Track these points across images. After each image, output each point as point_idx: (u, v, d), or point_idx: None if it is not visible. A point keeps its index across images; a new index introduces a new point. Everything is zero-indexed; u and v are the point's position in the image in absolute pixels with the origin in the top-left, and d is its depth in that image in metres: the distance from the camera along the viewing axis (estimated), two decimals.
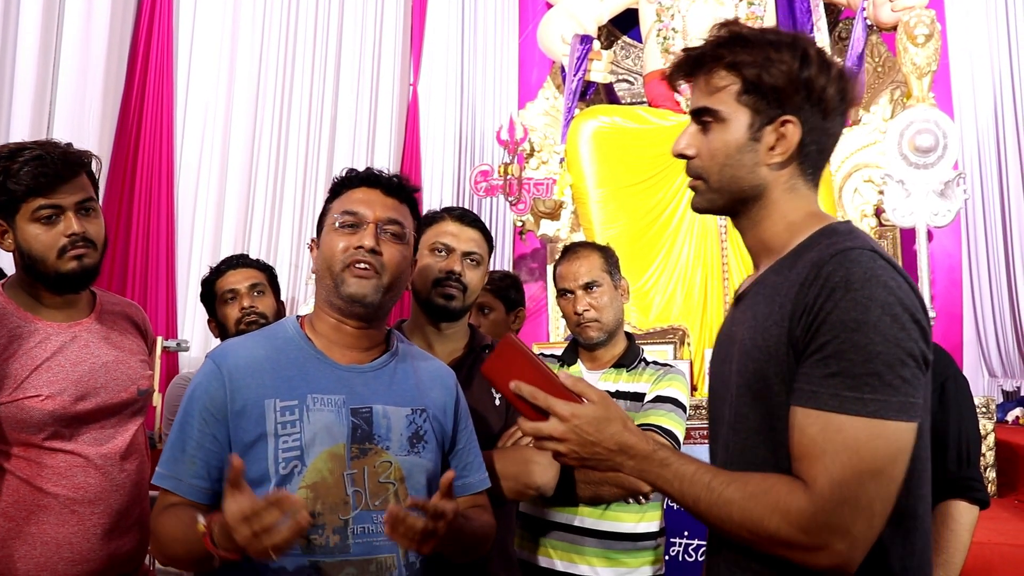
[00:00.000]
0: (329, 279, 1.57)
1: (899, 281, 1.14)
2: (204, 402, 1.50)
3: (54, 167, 1.84)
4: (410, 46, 7.81)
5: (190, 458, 1.48)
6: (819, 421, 1.11)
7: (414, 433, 1.58)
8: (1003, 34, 6.96)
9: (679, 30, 6.46)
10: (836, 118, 1.29)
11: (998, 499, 4.82)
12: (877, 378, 1.09)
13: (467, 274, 2.03)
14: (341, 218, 1.58)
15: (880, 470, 1.08)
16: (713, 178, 1.31)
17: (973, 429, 2.11)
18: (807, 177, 1.30)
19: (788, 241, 1.28)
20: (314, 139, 7.00)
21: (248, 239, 6.53)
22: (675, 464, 1.20)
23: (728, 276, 5.96)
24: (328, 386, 1.53)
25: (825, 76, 1.25)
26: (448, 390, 1.70)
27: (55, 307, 1.93)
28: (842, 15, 6.94)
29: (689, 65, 1.33)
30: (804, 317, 1.14)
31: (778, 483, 1.13)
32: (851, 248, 1.16)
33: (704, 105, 1.31)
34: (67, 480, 1.84)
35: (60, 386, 1.84)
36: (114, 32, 5.62)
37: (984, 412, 4.90)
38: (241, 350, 1.55)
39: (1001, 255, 6.92)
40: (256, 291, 2.55)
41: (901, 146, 5.52)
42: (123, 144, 5.73)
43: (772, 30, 1.32)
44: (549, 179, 6.41)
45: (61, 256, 1.86)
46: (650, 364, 2.35)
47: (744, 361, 1.25)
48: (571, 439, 1.22)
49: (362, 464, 1.51)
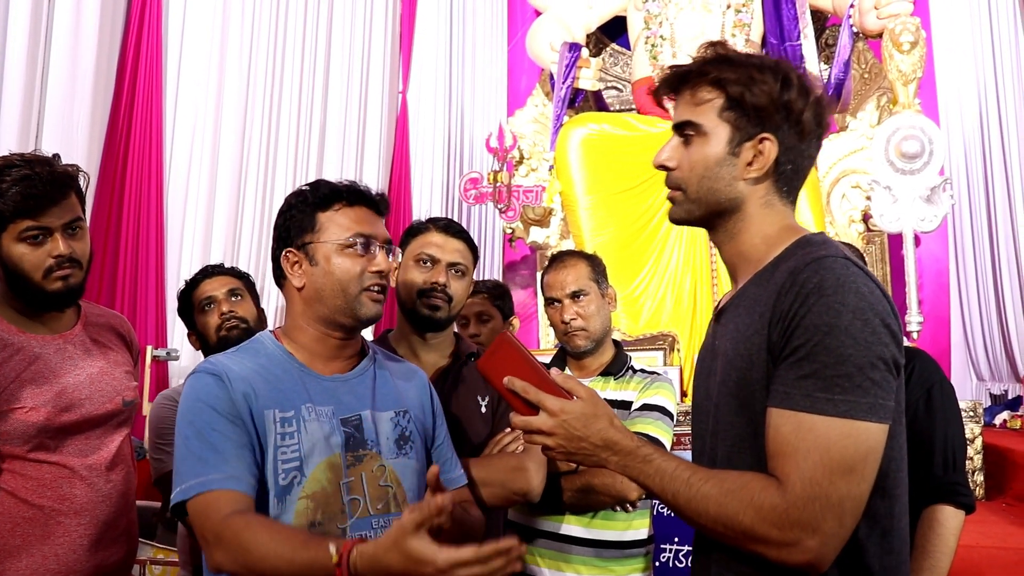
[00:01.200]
0: (341, 300, 1.57)
1: (871, 287, 1.18)
2: (223, 406, 1.45)
3: (42, 188, 1.82)
4: (399, 54, 7.82)
5: (234, 456, 1.41)
6: (792, 421, 1.15)
7: (400, 435, 1.61)
8: (987, 41, 7.03)
9: (667, 37, 6.50)
10: (812, 141, 1.34)
11: (986, 502, 4.85)
12: (848, 380, 1.13)
13: (452, 285, 2.04)
14: (353, 239, 1.58)
15: (850, 468, 1.12)
16: (691, 189, 1.36)
17: (958, 434, 2.13)
18: (782, 194, 1.35)
19: (766, 254, 1.33)
20: (303, 147, 7.00)
21: (237, 248, 6.52)
22: (657, 460, 1.24)
23: (717, 282, 5.99)
24: (318, 397, 1.54)
25: (804, 100, 1.31)
26: (422, 388, 1.73)
27: (38, 320, 1.93)
28: (828, 22, 6.99)
29: (676, 80, 1.38)
30: (780, 323, 1.19)
31: (753, 480, 1.17)
32: (825, 256, 1.20)
33: (687, 119, 1.35)
34: (52, 492, 1.83)
35: (44, 398, 1.83)
36: (103, 43, 5.60)
37: (972, 416, 4.94)
38: (231, 363, 1.53)
39: (988, 259, 6.98)
40: (234, 296, 2.52)
41: (888, 152, 5.57)
42: (112, 154, 5.72)
43: (757, 55, 1.38)
44: (538, 186, 6.43)
45: (47, 276, 1.86)
46: (637, 372, 2.36)
47: (727, 371, 1.28)
48: (559, 433, 1.26)
49: (359, 471, 1.53)
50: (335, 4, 7.32)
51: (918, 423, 2.05)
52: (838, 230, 6.05)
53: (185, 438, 1.44)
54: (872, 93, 6.42)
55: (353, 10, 7.43)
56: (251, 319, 2.51)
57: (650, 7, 6.56)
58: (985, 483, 5.00)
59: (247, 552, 1.31)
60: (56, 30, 5.30)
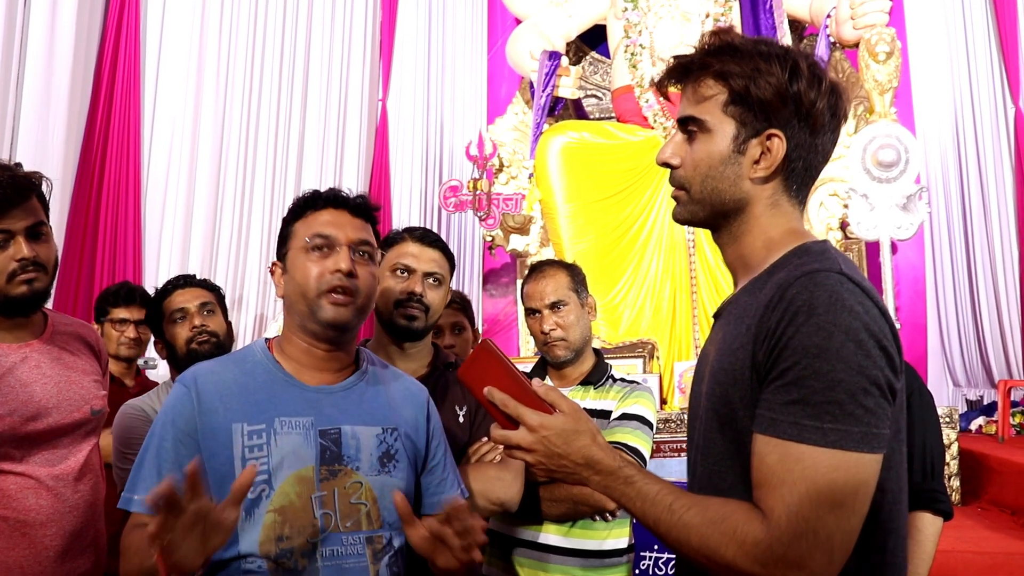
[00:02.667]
0: (303, 305, 1.55)
1: (867, 305, 1.10)
2: (179, 424, 1.48)
3: (2, 192, 1.81)
4: (379, 62, 7.81)
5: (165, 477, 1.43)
6: (778, 450, 1.07)
7: (384, 452, 1.56)
8: (962, 51, 7.12)
9: (647, 46, 6.53)
10: (825, 134, 1.24)
11: (961, 507, 4.89)
12: (838, 407, 1.05)
13: (428, 294, 2.04)
14: (312, 241, 1.56)
15: (840, 503, 1.04)
16: (695, 189, 1.27)
17: (937, 442, 2.14)
18: (791, 194, 1.26)
19: (765, 259, 1.25)
20: (282, 155, 6.96)
21: (216, 256, 6.47)
22: (639, 483, 1.18)
23: (696, 290, 6.01)
24: (296, 408, 1.52)
25: (815, 91, 1.21)
26: (419, 407, 1.69)
27: (4, 328, 1.90)
28: (806, 31, 7.05)
29: (678, 72, 1.29)
30: (767, 341, 1.11)
31: (737, 511, 1.10)
32: (818, 270, 1.12)
33: (690, 114, 1.27)
34: (17, 503, 1.80)
35: (9, 407, 1.81)
36: (79, 52, 5.54)
37: (948, 422, 4.98)
38: (210, 375, 1.54)
39: (964, 266, 7.06)
40: (206, 310, 2.52)
41: (864, 161, 5.62)
42: (88, 162, 5.65)
43: (764, 40, 1.27)
44: (518, 194, 6.43)
45: (11, 280, 1.85)
46: (617, 381, 2.36)
47: (712, 384, 1.22)
48: (538, 450, 1.21)
49: (332, 486, 1.49)
50: (314, 11, 7.29)
51: None
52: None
53: (147, 440, 1.51)
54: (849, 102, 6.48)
55: (332, 18, 7.41)
56: (221, 333, 2.53)
57: (630, 16, 6.59)
58: (961, 488, 5.04)
59: (126, 556, 1.44)
60: (32, 37, 5.23)
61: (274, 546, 1.44)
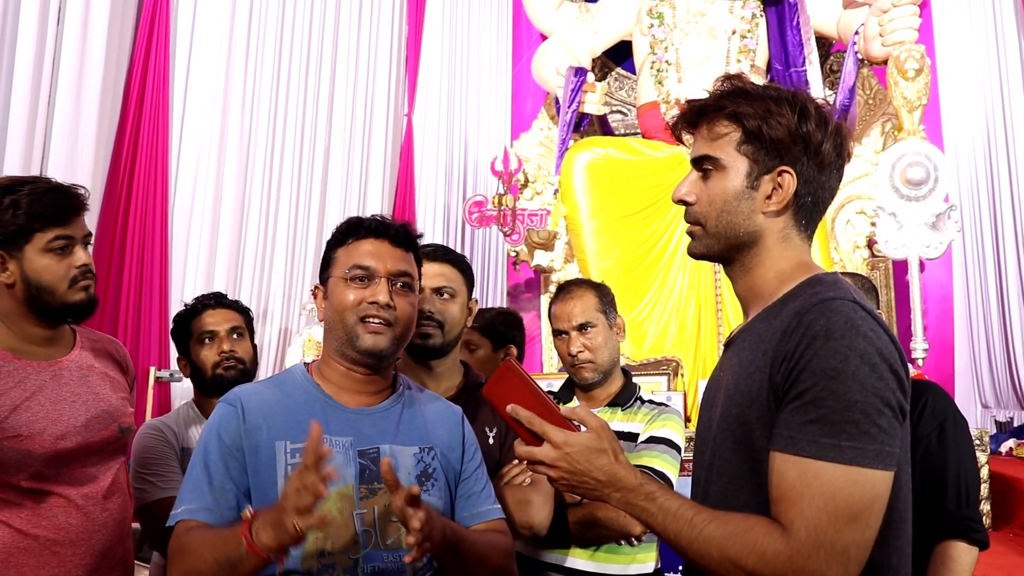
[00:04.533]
0: (342, 332, 1.60)
1: (879, 332, 1.17)
2: (225, 439, 1.51)
3: (68, 199, 1.89)
4: (404, 77, 7.86)
5: (219, 490, 1.48)
6: (797, 466, 1.13)
7: (423, 471, 1.60)
8: (993, 67, 7.03)
9: (672, 62, 6.52)
10: (832, 172, 1.33)
11: (993, 532, 4.79)
12: (855, 426, 1.11)
13: (440, 309, 2.02)
14: (351, 272, 1.60)
15: (856, 516, 1.11)
16: (711, 223, 1.34)
17: (972, 469, 2.10)
18: (801, 228, 1.34)
19: (777, 289, 1.32)
20: (307, 168, 7.01)
21: (241, 268, 6.51)
22: (660, 499, 1.22)
23: (722, 308, 5.97)
24: (337, 428, 1.55)
25: (822, 131, 1.29)
26: (455, 427, 1.72)
27: (37, 344, 1.91)
28: (833, 48, 7.01)
29: (693, 115, 1.37)
30: (785, 364, 1.17)
31: (757, 524, 1.15)
32: (833, 298, 1.19)
33: (705, 153, 1.34)
34: (48, 521, 1.81)
35: (41, 425, 1.81)
36: (108, 68, 5.61)
37: (978, 444, 4.90)
38: (252, 394, 1.59)
39: (993, 286, 6.95)
40: (235, 334, 2.50)
41: (893, 179, 5.57)
42: (117, 175, 5.71)
43: (773, 86, 1.36)
44: (543, 210, 6.43)
45: (72, 286, 1.90)
46: (645, 403, 2.33)
47: (727, 406, 1.28)
48: (562, 466, 1.25)
49: (372, 504, 1.52)
50: (340, 27, 7.36)
51: (931, 457, 2.03)
52: (843, 256, 6.04)
53: (193, 459, 1.53)
54: (877, 119, 6.43)
55: (359, 32, 7.47)
56: (248, 359, 2.51)
57: (655, 32, 6.59)
58: (992, 512, 4.94)
59: (187, 558, 1.41)
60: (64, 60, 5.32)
61: (316, 562, 1.46)
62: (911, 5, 5.72)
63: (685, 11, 6.59)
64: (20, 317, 1.89)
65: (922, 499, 1.68)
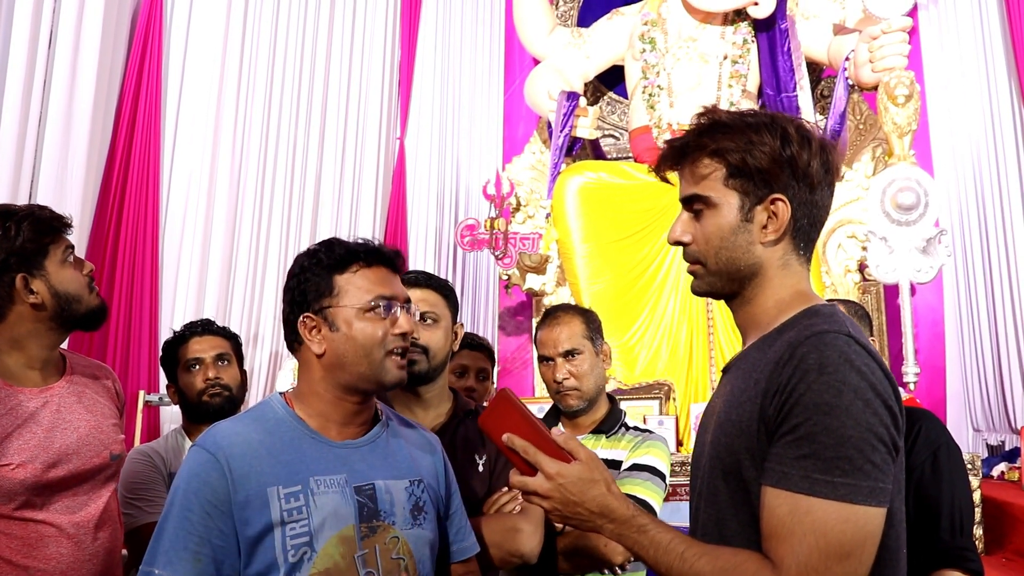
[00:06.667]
0: (365, 366, 1.52)
1: (872, 367, 1.15)
2: (206, 494, 1.41)
3: (56, 214, 1.94)
4: (397, 100, 7.88)
5: (194, 555, 1.38)
6: (788, 502, 1.12)
7: (415, 505, 1.57)
8: (983, 94, 7.10)
9: (664, 87, 6.56)
10: (823, 189, 1.31)
11: (985, 556, 4.76)
12: (848, 462, 1.10)
13: (424, 335, 1.99)
14: (375, 302, 1.53)
15: (848, 554, 1.09)
16: (711, 261, 1.33)
17: (966, 498, 2.09)
18: (799, 252, 1.33)
19: (775, 318, 1.30)
20: (298, 191, 7.00)
21: (231, 292, 6.48)
22: (652, 531, 1.22)
23: (714, 331, 5.97)
24: (328, 466, 1.49)
25: (807, 151, 1.28)
26: (436, 456, 1.70)
27: (31, 368, 1.90)
28: (824, 73, 7.06)
29: (674, 156, 1.36)
30: (777, 397, 1.16)
31: (748, 560, 1.14)
32: (827, 331, 1.18)
33: (694, 192, 1.33)
34: (38, 552, 1.78)
35: (31, 453, 1.79)
36: (100, 91, 5.59)
37: (970, 468, 4.88)
38: (233, 436, 1.47)
39: (984, 310, 6.98)
40: (222, 361, 2.49)
41: (883, 203, 5.59)
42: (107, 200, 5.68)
43: (750, 112, 1.34)
44: (535, 233, 6.43)
45: (91, 292, 1.96)
46: (630, 430, 2.31)
47: (718, 435, 1.27)
48: (555, 497, 1.25)
49: (372, 543, 1.48)
50: (332, 50, 7.37)
51: (924, 486, 2.02)
52: (834, 280, 6.06)
53: (167, 509, 1.43)
54: (867, 144, 6.47)
55: (351, 57, 7.49)
56: (235, 386, 2.50)
57: (647, 57, 6.63)
58: (984, 537, 4.92)
59: None
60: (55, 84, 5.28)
61: None
62: (901, 32, 5.77)
63: (677, 36, 6.64)
64: (36, 338, 1.89)
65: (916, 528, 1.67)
